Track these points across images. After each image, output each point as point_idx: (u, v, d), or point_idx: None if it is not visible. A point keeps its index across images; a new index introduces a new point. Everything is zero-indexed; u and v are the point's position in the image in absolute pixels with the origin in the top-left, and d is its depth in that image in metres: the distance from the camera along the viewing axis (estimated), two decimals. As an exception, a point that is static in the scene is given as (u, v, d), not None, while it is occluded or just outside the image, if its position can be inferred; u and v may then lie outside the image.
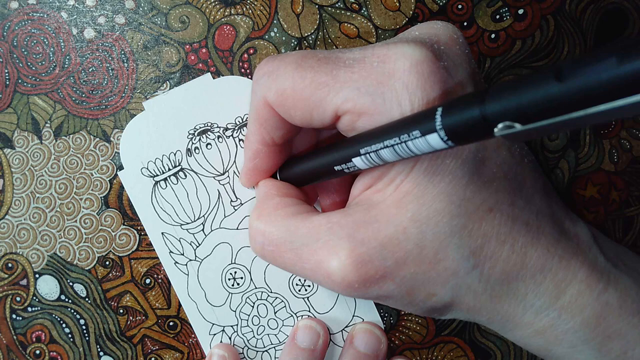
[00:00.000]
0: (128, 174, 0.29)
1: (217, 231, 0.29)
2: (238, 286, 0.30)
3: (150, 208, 0.29)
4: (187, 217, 0.29)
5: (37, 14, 0.29)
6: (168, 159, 0.29)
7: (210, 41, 0.29)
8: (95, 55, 0.29)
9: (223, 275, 0.30)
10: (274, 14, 0.29)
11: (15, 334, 0.30)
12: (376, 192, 0.22)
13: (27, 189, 0.29)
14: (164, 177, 0.29)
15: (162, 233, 0.29)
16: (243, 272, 0.30)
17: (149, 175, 0.29)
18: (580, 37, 0.30)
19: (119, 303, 0.30)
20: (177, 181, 0.29)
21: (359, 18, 0.29)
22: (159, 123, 0.29)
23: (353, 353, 0.29)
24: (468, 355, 0.31)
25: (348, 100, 0.21)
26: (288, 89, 0.22)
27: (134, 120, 0.29)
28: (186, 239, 0.29)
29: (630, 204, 0.31)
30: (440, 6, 0.29)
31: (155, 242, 0.29)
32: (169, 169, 0.29)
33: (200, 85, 0.29)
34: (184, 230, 0.29)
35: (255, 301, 0.30)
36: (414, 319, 0.31)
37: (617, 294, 0.22)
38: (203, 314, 0.30)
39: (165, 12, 0.29)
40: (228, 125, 0.29)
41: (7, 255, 0.30)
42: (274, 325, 0.30)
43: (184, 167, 0.29)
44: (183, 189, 0.29)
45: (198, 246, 0.29)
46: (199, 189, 0.29)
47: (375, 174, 0.22)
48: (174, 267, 0.29)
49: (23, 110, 0.29)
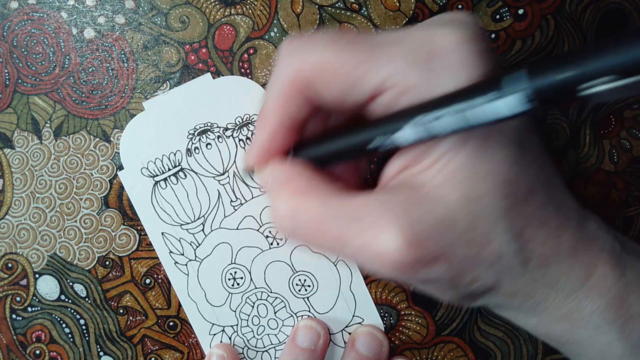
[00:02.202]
0: (128, 174, 0.29)
1: (217, 231, 0.29)
2: (238, 286, 0.30)
3: (150, 208, 0.29)
4: (187, 217, 0.29)
5: (37, 14, 0.29)
6: (168, 159, 0.29)
7: (210, 41, 0.29)
8: (95, 55, 0.29)
9: (223, 275, 0.30)
10: (274, 14, 0.29)
11: (15, 334, 0.30)
12: (420, 172, 0.21)
13: (27, 189, 0.29)
14: (164, 177, 0.29)
15: (162, 233, 0.29)
16: (243, 272, 0.30)
17: (149, 175, 0.29)
18: (580, 37, 0.30)
19: (119, 303, 0.30)
20: (177, 181, 0.29)
21: (359, 18, 0.29)
22: (159, 123, 0.29)
23: (355, 356, 0.29)
24: (468, 355, 0.31)
25: (393, 75, 0.20)
26: (325, 63, 0.21)
27: (134, 120, 0.29)
28: (186, 239, 0.29)
29: (630, 204, 0.31)
30: (440, 6, 0.29)
31: (155, 242, 0.29)
32: (169, 169, 0.29)
33: (200, 85, 0.29)
34: (184, 230, 0.29)
35: (255, 301, 0.30)
36: (414, 319, 0.31)
37: (635, 277, 0.22)
38: (203, 314, 0.30)
39: (165, 12, 0.29)
40: (228, 125, 0.29)
41: (7, 255, 0.30)
42: (274, 325, 0.30)
43: (184, 167, 0.29)
44: (183, 189, 0.29)
45: (198, 246, 0.29)
46: (198, 189, 0.29)
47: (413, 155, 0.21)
48: (174, 267, 0.29)
49: (23, 110, 0.29)
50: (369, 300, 0.30)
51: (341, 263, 0.30)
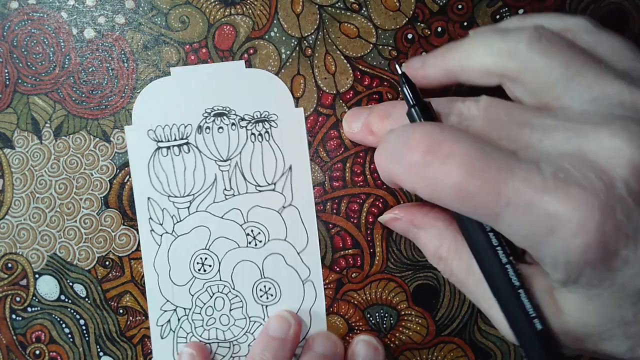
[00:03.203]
0: (133, 131, 0.29)
1: (201, 213, 0.29)
2: (204, 272, 0.29)
3: (144, 170, 0.29)
4: (177, 190, 0.29)
5: (37, 14, 0.29)
6: (177, 129, 0.29)
7: (210, 41, 0.29)
8: (95, 55, 0.29)
9: (193, 257, 0.29)
10: (274, 14, 0.29)
11: (15, 334, 0.30)
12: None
13: (27, 189, 0.29)
14: (168, 146, 0.29)
15: (148, 198, 0.29)
16: (213, 261, 0.29)
17: (154, 139, 0.29)
18: (580, 37, 0.30)
19: (119, 303, 0.30)
20: (180, 153, 0.29)
21: (359, 18, 0.29)
22: (179, 92, 0.29)
23: (311, 355, 0.29)
24: (468, 355, 0.31)
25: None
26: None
27: (156, 82, 0.29)
28: (170, 211, 0.29)
29: (630, 204, 0.31)
30: (441, 6, 0.29)
31: (139, 205, 0.29)
32: (175, 139, 0.29)
33: (230, 70, 0.29)
34: (170, 202, 0.29)
35: (215, 292, 0.30)
36: (414, 319, 0.31)
37: None
38: (161, 287, 0.29)
39: (165, 12, 0.29)
40: (245, 115, 0.29)
41: (7, 255, 0.30)
42: (225, 322, 0.30)
43: (190, 142, 0.29)
44: (182, 162, 0.29)
45: (178, 222, 0.29)
46: (197, 167, 0.29)
47: None
48: (148, 234, 0.29)
49: (23, 110, 0.29)
50: (323, 329, 0.30)
51: (309, 284, 0.30)
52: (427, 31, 0.29)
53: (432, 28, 0.29)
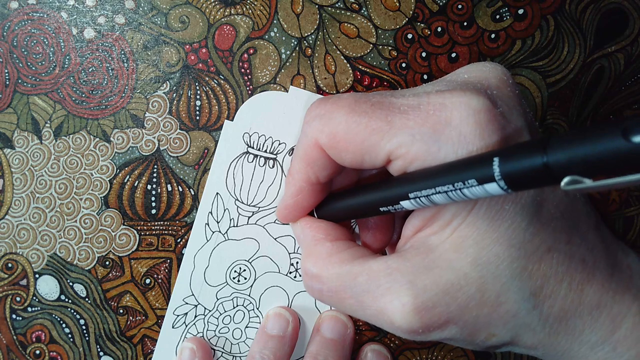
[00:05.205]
0: (231, 128, 0.29)
1: (258, 227, 0.30)
2: (237, 283, 0.30)
3: (225, 166, 0.29)
4: (247, 197, 0.29)
5: (37, 14, 0.29)
6: (272, 143, 0.29)
7: (210, 41, 0.29)
8: (95, 55, 0.29)
9: (233, 265, 0.30)
10: (274, 14, 0.29)
11: (15, 334, 0.30)
12: (432, 235, 0.22)
13: (27, 189, 0.29)
14: (256, 154, 0.29)
15: (217, 193, 0.29)
16: (250, 275, 0.30)
17: (246, 143, 0.29)
18: (580, 37, 0.30)
19: (119, 303, 0.30)
20: (264, 165, 0.29)
21: (359, 18, 0.29)
22: (289, 110, 0.29)
23: (320, 339, 0.29)
24: (468, 355, 0.31)
25: (402, 146, 0.21)
26: (341, 132, 0.22)
27: (274, 93, 0.29)
28: (231, 213, 0.29)
29: (630, 204, 0.31)
30: (440, 6, 0.29)
31: (206, 196, 0.29)
32: (266, 151, 0.29)
33: None
34: (235, 206, 0.29)
35: (239, 305, 0.30)
36: (414, 319, 0.31)
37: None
38: (192, 280, 0.30)
39: (165, 12, 0.29)
40: None
41: (7, 255, 0.30)
42: (237, 336, 0.30)
43: (278, 160, 0.29)
44: (262, 174, 0.29)
45: (235, 226, 0.30)
46: (274, 185, 0.29)
47: (428, 214, 0.22)
48: (202, 226, 0.30)
49: (23, 110, 0.29)
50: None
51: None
52: (427, 31, 0.29)
53: (432, 28, 0.29)
